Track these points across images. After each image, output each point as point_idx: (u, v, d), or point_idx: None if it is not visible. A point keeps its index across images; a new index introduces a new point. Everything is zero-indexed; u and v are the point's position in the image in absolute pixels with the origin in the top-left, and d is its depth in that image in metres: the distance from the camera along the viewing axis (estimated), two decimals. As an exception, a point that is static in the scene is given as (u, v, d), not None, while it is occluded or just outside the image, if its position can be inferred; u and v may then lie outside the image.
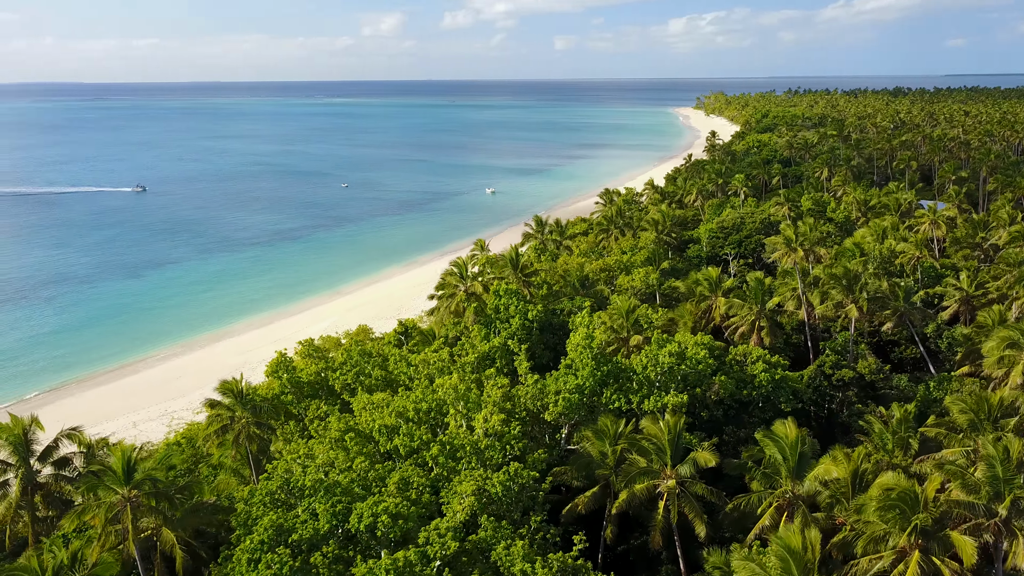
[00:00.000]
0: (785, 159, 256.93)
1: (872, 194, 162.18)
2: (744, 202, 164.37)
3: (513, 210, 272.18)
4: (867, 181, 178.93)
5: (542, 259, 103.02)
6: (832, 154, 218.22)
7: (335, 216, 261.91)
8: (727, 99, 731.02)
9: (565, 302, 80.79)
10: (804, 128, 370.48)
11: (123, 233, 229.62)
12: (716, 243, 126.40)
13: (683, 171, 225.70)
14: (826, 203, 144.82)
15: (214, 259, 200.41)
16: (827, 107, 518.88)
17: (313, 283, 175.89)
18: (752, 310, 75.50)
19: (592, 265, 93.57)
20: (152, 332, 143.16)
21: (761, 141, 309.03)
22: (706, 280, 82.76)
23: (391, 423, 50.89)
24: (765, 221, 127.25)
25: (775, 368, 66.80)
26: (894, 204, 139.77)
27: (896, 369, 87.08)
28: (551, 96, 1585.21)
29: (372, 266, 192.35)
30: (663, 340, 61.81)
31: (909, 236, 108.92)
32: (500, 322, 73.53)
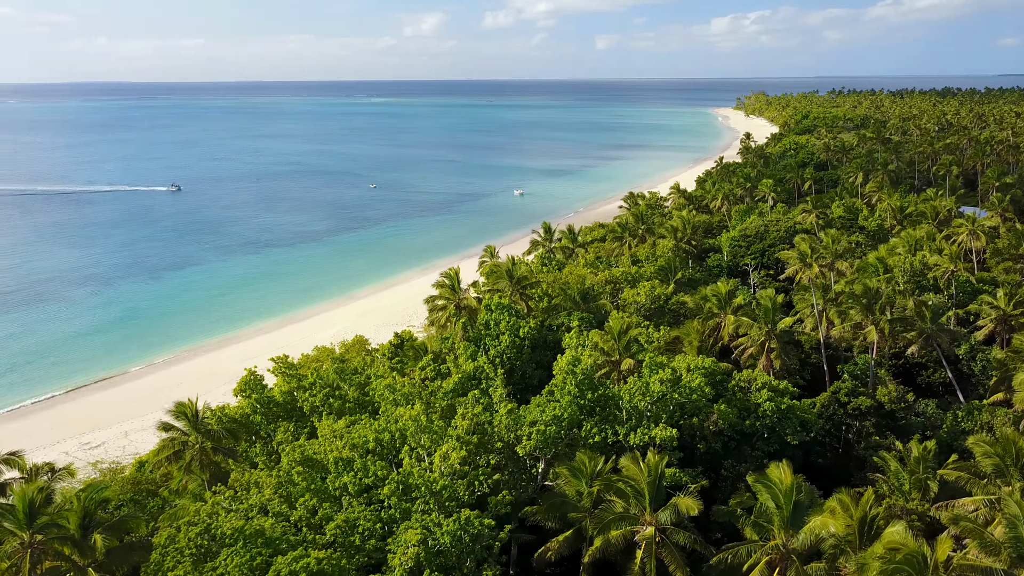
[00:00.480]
0: (822, 163, 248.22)
1: (910, 200, 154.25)
2: (773, 208, 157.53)
3: (540, 212, 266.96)
4: (905, 187, 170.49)
5: (545, 269, 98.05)
6: (870, 158, 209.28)
7: (360, 218, 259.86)
8: (767, 99, 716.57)
9: (563, 317, 75.95)
10: (845, 130, 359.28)
11: (150, 233, 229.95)
12: (738, 252, 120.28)
13: (713, 174, 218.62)
14: (858, 210, 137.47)
15: (235, 261, 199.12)
16: (871, 108, 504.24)
17: (328, 287, 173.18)
18: (762, 330, 69.77)
19: (596, 277, 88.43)
20: (162, 336, 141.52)
21: (798, 143, 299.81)
22: (714, 296, 77.07)
23: (345, 455, 46.66)
24: (791, 229, 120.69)
25: (781, 396, 61.18)
26: (931, 212, 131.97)
27: (923, 394, 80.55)
28: (591, 96, 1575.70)
29: (389, 270, 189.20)
30: (656, 364, 56.67)
31: (945, 247, 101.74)
32: (490, 339, 69.01)
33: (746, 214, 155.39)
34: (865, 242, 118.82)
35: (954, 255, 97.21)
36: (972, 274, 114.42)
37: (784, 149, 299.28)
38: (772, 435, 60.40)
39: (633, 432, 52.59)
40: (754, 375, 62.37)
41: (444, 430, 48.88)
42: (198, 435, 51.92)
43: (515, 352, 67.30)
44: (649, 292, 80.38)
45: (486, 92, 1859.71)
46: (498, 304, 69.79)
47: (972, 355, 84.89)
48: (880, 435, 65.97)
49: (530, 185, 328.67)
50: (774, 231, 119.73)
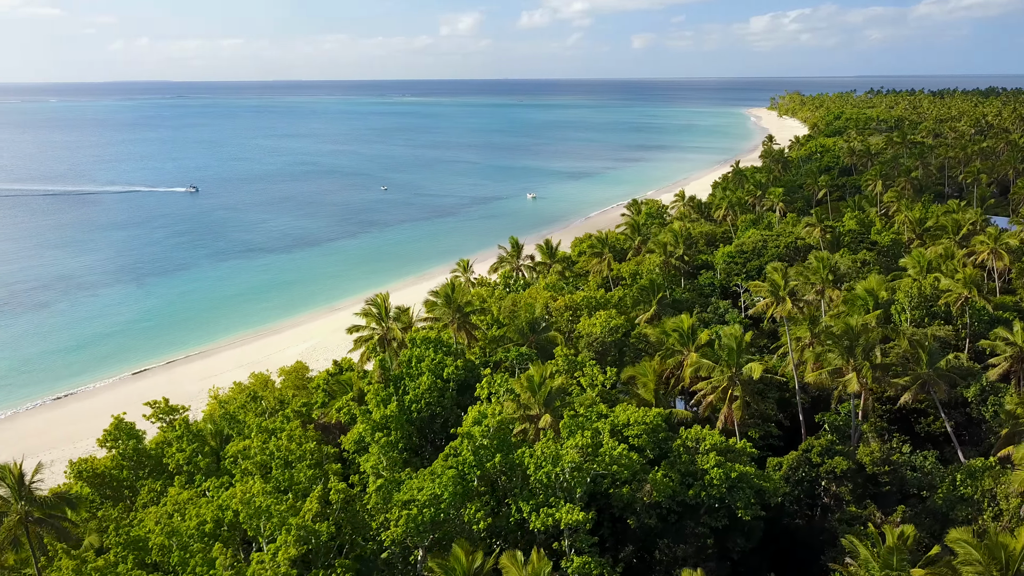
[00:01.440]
0: (846, 168, 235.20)
1: (933, 211, 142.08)
2: (783, 219, 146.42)
3: (549, 217, 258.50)
4: (929, 196, 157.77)
5: (497, 292, 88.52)
6: (895, 163, 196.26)
7: (364, 221, 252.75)
8: (802, 99, 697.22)
9: (501, 353, 66.74)
10: (877, 132, 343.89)
11: (152, 238, 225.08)
12: (732, 269, 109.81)
13: (728, 180, 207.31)
14: (871, 223, 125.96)
15: (226, 268, 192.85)
16: (908, 109, 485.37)
17: (314, 297, 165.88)
18: (723, 375, 59.81)
19: (556, 302, 78.94)
20: (129, 349, 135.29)
21: (824, 146, 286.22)
22: (675, 330, 67.03)
23: (163, 542, 38.11)
24: (791, 245, 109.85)
25: (738, 458, 51.42)
26: (952, 226, 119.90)
27: (922, 444, 69.92)
28: (625, 95, 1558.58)
29: (381, 278, 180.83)
30: (575, 425, 47.27)
31: (959, 271, 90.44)
32: (410, 379, 60.15)
33: (753, 224, 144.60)
34: (874, 261, 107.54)
35: (968, 279, 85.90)
36: (994, 296, 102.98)
37: (809, 152, 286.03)
38: (723, 506, 50.64)
39: (536, 512, 43.29)
40: (703, 433, 52.54)
41: (291, 511, 40.04)
42: (20, 503, 43.88)
43: (436, 396, 58.35)
44: (605, 323, 70.68)
45: (519, 92, 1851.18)
46: (423, 339, 60.82)
47: (983, 398, 73.99)
48: (859, 502, 55.76)
49: (545, 188, 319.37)
50: (773, 247, 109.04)
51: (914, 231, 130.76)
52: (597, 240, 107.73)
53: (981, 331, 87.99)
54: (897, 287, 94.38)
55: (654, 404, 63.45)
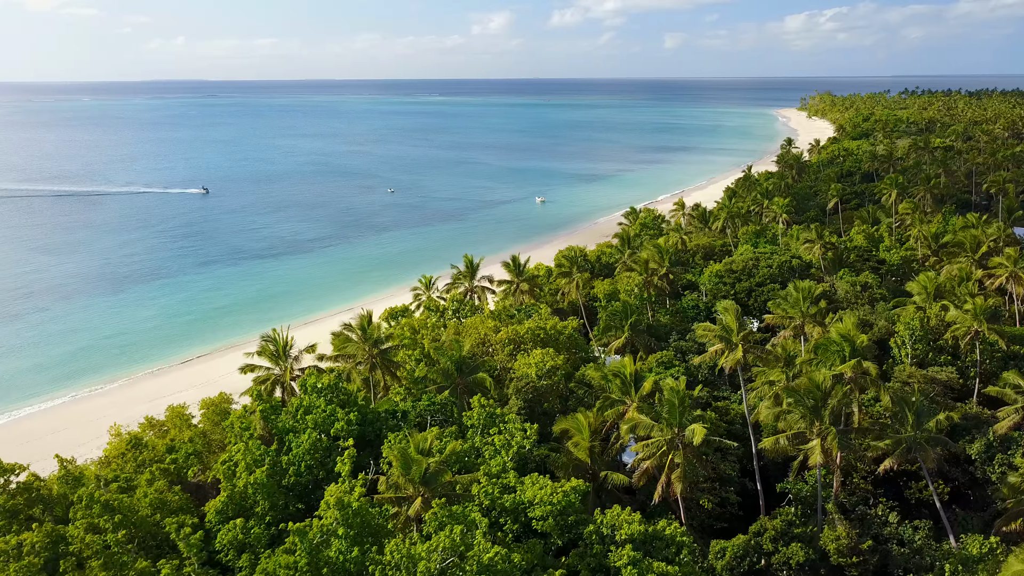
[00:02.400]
0: (868, 174, 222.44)
1: (953, 224, 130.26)
2: (787, 231, 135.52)
3: (556, 222, 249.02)
4: (950, 207, 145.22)
5: (431, 321, 78.88)
6: (916, 170, 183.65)
7: (364, 225, 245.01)
8: (832, 100, 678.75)
9: (423, 399, 57.55)
10: (906, 135, 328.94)
11: (143, 242, 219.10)
12: (721, 291, 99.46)
13: (739, 186, 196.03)
14: (879, 239, 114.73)
15: (213, 276, 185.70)
16: (941, 110, 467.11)
17: (291, 308, 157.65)
18: (663, 435, 50.00)
19: (498, 335, 69.45)
20: (89, 367, 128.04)
21: (848, 150, 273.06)
22: (617, 377, 57.13)
23: None
24: (785, 265, 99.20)
25: (661, 549, 41.73)
26: (970, 242, 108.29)
27: (913, 513, 59.48)
28: (655, 95, 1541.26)
29: (366, 287, 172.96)
30: (445, 518, 37.93)
31: (969, 300, 79.46)
32: (294, 435, 51.28)
33: (756, 237, 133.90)
34: (877, 284, 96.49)
35: (979, 310, 74.96)
36: (1013, 326, 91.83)
37: (831, 156, 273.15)
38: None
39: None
40: (620, 518, 42.85)
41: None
42: None
43: (318, 458, 49.31)
44: (540, 364, 61.11)
45: (550, 91, 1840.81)
46: (313, 385, 51.89)
47: (989, 455, 63.34)
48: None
49: (556, 191, 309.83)
50: (765, 266, 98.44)
51: (929, 247, 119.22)
52: (565, 258, 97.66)
53: (994, 369, 77.06)
54: (899, 316, 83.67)
55: (589, 465, 53.83)
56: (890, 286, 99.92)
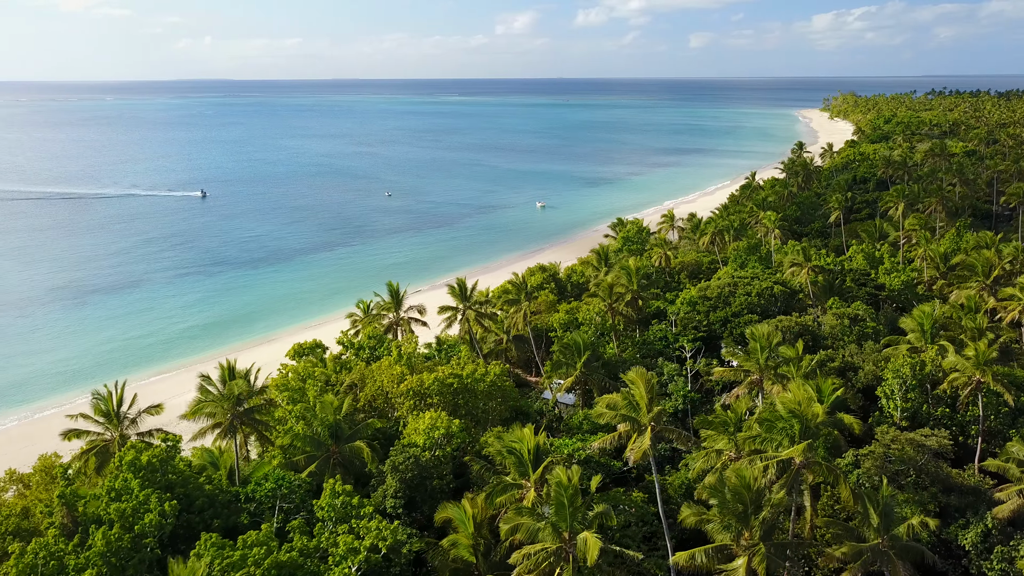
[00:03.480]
0: (883, 180, 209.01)
1: (967, 241, 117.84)
2: (782, 247, 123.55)
3: (553, 229, 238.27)
4: (965, 221, 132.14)
5: (318, 371, 67.27)
6: (932, 178, 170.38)
7: (353, 231, 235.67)
8: (855, 100, 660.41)
9: (267, 480, 46.95)
10: (927, 138, 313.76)
11: (122, 247, 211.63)
12: (690, 322, 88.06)
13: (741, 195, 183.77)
14: (879, 260, 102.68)
15: (185, 285, 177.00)
16: (968, 112, 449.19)
17: (253, 325, 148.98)
18: (549, 544, 39.06)
19: (399, 387, 58.67)
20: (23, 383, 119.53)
21: (864, 154, 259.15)
22: (511, 451, 45.89)
23: None
24: (767, 292, 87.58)
25: None
26: (982, 265, 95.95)
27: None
28: (677, 95, 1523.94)
29: (341, 299, 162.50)
30: None
31: (971, 343, 67.67)
32: (97, 527, 40.93)
33: (748, 254, 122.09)
34: (871, 316, 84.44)
35: (982, 356, 63.20)
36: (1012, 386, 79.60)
37: (845, 161, 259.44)
38: None
39: None
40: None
41: None
42: None
43: (114, 565, 38.98)
44: (428, 430, 50.38)
45: (574, 91, 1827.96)
46: (130, 462, 41.60)
47: (986, 547, 51.73)
48: None
49: (560, 195, 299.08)
50: (743, 293, 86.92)
51: (937, 268, 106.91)
52: (511, 284, 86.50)
53: (1000, 427, 65.18)
54: (892, 355, 71.95)
55: (474, 564, 43.03)
56: (889, 317, 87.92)
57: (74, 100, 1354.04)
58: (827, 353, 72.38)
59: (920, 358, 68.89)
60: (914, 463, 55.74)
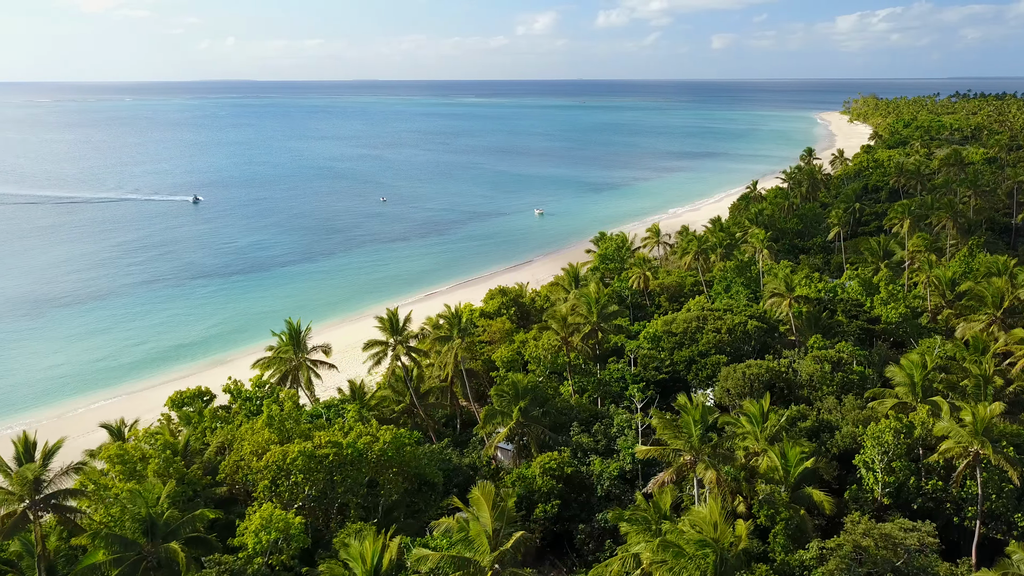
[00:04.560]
0: (896, 190, 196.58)
1: (979, 263, 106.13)
2: (773, 267, 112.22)
3: (547, 238, 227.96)
4: (978, 239, 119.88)
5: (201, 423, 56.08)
6: (946, 189, 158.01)
7: (343, 240, 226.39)
8: (876, 103, 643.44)
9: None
10: (947, 143, 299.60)
11: (97, 253, 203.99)
12: (653, 361, 77.28)
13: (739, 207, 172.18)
14: (875, 288, 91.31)
15: (150, 299, 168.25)
16: (991, 115, 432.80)
17: (209, 344, 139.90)
18: None
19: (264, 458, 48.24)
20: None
21: (878, 161, 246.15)
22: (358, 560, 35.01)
23: None
24: (739, 328, 76.63)
25: None
26: (993, 295, 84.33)
27: None
28: (696, 97, 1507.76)
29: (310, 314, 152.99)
30: None
31: (970, 407, 56.59)
32: None
33: (736, 275, 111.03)
34: (859, 359, 73.11)
35: (982, 423, 52.17)
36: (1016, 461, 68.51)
37: (859, 168, 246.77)
38: None
39: None
40: None
41: None
42: None
43: None
44: (258, 531, 40.11)
45: (593, 93, 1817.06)
46: None
47: None
48: None
49: (561, 202, 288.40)
50: (712, 329, 76.02)
51: (943, 296, 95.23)
52: (443, 317, 75.54)
53: (1002, 510, 53.90)
54: (875, 414, 61.01)
55: None
56: (882, 356, 76.61)
57: (92, 100, 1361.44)
58: (799, 409, 61.48)
59: (909, 419, 57.85)
60: (890, 564, 44.80)
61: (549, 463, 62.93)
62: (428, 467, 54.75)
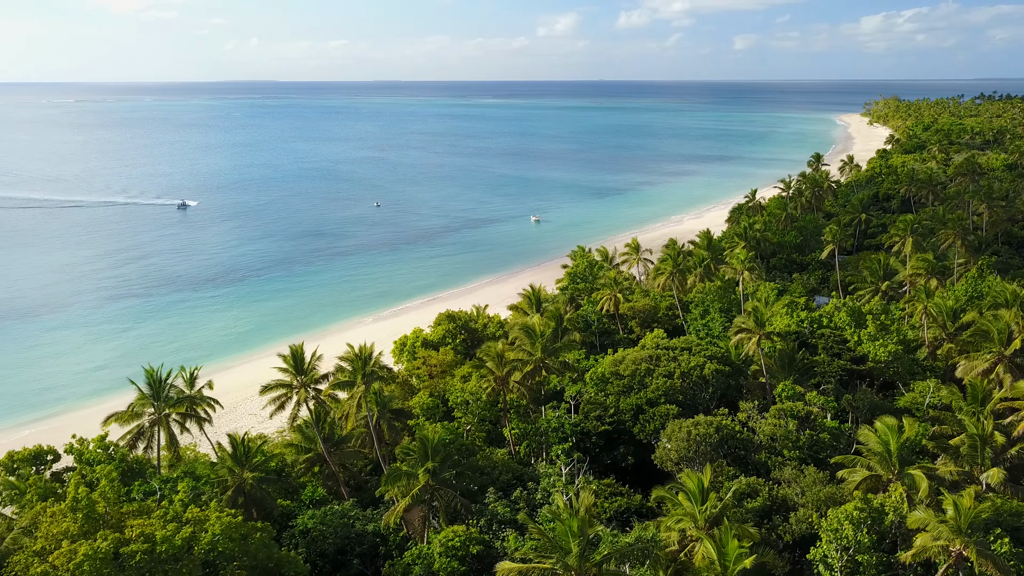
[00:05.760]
0: (907, 199, 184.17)
1: (990, 286, 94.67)
2: (759, 290, 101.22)
3: (539, 248, 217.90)
4: (988, 258, 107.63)
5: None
6: (958, 200, 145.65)
7: (327, 247, 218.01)
8: (897, 105, 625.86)
9: None
10: (967, 147, 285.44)
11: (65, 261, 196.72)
12: (595, 409, 66.77)
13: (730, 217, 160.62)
14: (863, 318, 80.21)
15: (112, 311, 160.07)
16: (1016, 118, 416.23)
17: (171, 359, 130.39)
18: None
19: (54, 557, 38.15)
20: None
21: (892, 167, 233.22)
22: None
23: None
24: (696, 372, 65.89)
25: None
26: (999, 331, 72.97)
27: None
28: (716, 98, 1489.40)
29: (270, 334, 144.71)
30: None
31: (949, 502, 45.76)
32: None
33: (718, 298, 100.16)
34: (833, 412, 62.01)
35: (964, 521, 41.38)
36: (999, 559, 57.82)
37: (871, 174, 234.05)
38: None
39: None
40: None
41: None
42: None
43: None
44: None
45: (614, 94, 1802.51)
46: None
47: None
48: None
49: (560, 207, 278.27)
50: (663, 373, 65.36)
51: (944, 328, 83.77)
52: (347, 360, 64.58)
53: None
54: (842, 490, 50.34)
55: None
56: (866, 404, 65.52)
57: (112, 101, 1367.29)
58: (749, 483, 50.70)
59: (880, 501, 46.98)
60: None
61: (453, 540, 52.84)
62: (284, 559, 44.65)
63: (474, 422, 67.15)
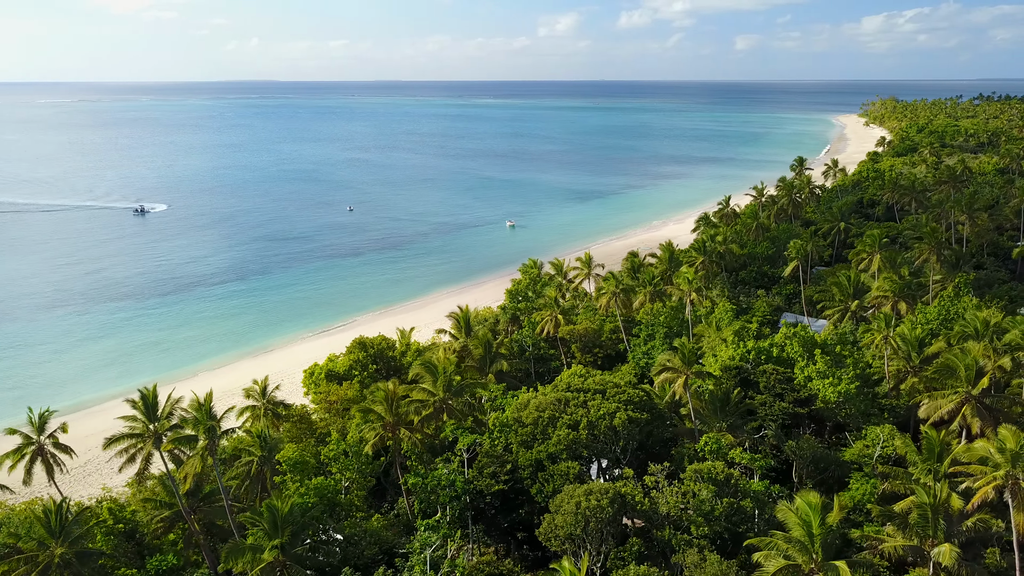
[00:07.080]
0: (891, 206, 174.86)
1: (964, 307, 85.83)
2: (710, 314, 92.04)
3: (510, 255, 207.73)
4: (966, 276, 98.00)
5: None
6: (940, 210, 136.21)
7: (290, 253, 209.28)
8: (893, 106, 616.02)
9: None
10: (960, 150, 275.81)
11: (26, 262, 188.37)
12: (490, 464, 57.60)
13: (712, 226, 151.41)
14: (814, 349, 70.98)
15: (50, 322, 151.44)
16: (1013, 119, 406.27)
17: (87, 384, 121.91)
18: None
19: None
20: None
21: (879, 171, 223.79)
22: None
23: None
24: (604, 422, 56.67)
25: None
26: (966, 367, 63.80)
27: None
28: (714, 98, 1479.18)
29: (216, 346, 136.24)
30: None
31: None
32: None
33: (669, 319, 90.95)
34: (761, 471, 52.84)
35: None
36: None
37: (857, 178, 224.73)
38: None
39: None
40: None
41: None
42: None
43: None
44: None
45: (613, 94, 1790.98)
46: None
47: None
48: None
49: (539, 212, 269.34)
50: (567, 422, 56.11)
51: (907, 359, 74.55)
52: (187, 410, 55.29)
53: None
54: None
55: None
56: (812, 455, 56.26)
57: (108, 101, 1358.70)
58: (641, 573, 41.42)
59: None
60: None
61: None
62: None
63: (354, 477, 58.12)
